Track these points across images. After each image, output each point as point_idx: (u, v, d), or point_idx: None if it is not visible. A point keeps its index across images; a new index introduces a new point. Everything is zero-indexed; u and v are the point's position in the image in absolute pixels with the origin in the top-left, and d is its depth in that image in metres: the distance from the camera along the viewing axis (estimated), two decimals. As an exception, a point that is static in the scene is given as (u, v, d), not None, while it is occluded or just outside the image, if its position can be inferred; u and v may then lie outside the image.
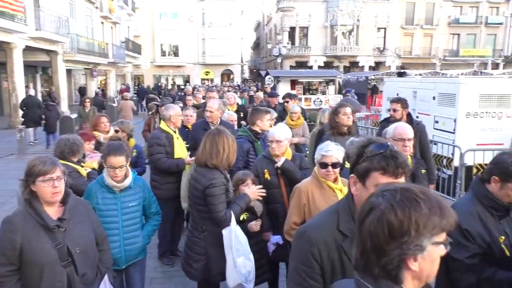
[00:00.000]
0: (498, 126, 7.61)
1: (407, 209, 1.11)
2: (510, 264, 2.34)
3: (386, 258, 1.13)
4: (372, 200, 1.19)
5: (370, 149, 1.81)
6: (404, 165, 1.73)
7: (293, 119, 6.91)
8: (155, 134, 4.99)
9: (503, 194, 2.36)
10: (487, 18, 43.80)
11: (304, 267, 1.77)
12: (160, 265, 5.07)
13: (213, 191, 3.16)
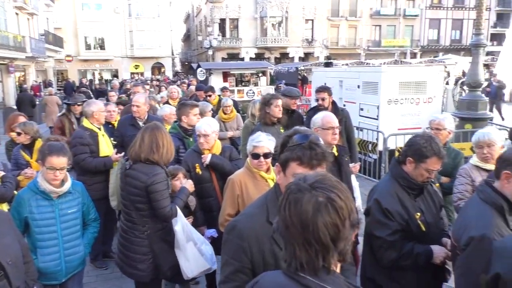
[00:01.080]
0: (416, 111, 8.20)
1: (341, 191, 1.21)
2: (425, 238, 2.55)
3: (343, 241, 1.18)
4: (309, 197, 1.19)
5: (292, 140, 1.86)
6: (321, 157, 1.78)
7: (226, 113, 6.85)
8: (78, 133, 4.69)
9: (417, 174, 2.53)
10: (405, 11, 46.74)
11: (234, 261, 1.79)
12: (92, 268, 4.84)
13: (157, 187, 3.06)
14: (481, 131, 3.60)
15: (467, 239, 2.04)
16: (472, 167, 3.46)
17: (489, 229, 1.99)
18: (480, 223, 2.04)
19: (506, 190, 2.08)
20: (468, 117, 7.64)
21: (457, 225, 2.29)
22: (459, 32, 47.54)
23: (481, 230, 2.00)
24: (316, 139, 1.86)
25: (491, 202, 2.09)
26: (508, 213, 2.05)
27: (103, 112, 4.78)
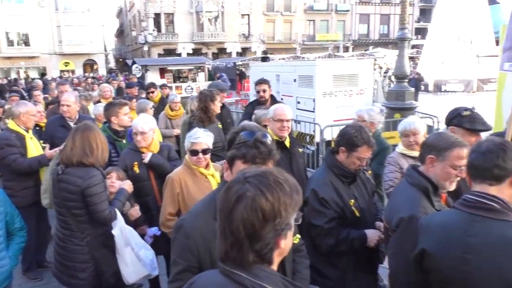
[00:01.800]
0: (349, 103, 8.55)
1: (276, 192, 1.16)
2: (360, 223, 2.70)
3: (261, 243, 1.15)
4: (237, 188, 1.18)
5: (239, 137, 1.87)
6: (266, 155, 1.79)
7: (174, 109, 6.57)
8: (2, 135, 4.33)
9: (349, 162, 2.67)
10: (336, 6, 48.43)
11: (181, 261, 1.79)
12: (25, 281, 4.53)
13: (94, 190, 2.91)
14: (406, 120, 3.81)
15: (397, 220, 2.16)
16: (399, 155, 3.65)
17: (416, 209, 2.12)
18: (408, 205, 2.17)
19: (430, 173, 2.22)
20: (397, 107, 8.09)
21: (388, 208, 2.43)
22: (387, 27, 50.18)
23: (409, 211, 2.13)
24: (263, 136, 1.85)
25: (418, 185, 2.23)
26: (432, 194, 2.20)
27: (32, 116, 4.37)
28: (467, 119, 2.81)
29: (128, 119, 4.23)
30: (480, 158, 1.72)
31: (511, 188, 1.71)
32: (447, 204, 2.36)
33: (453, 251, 1.72)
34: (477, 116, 2.83)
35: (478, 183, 1.74)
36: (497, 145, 1.72)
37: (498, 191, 1.70)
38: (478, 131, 2.76)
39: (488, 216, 1.67)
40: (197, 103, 4.93)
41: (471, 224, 1.70)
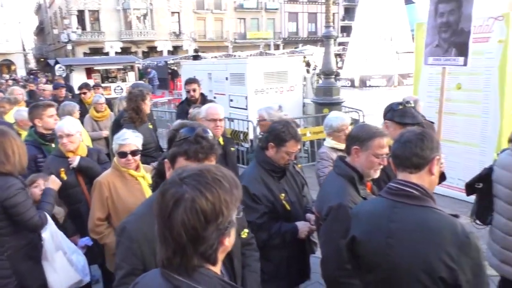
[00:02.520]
0: (281, 100, 8.74)
1: (215, 190, 1.11)
2: (291, 216, 2.78)
3: (205, 245, 1.12)
4: (174, 190, 1.11)
5: (180, 134, 1.84)
6: (208, 150, 1.78)
7: (99, 111, 6.28)
8: None
9: (279, 157, 2.73)
10: (266, 4, 49.21)
11: (125, 264, 1.76)
12: None
13: (16, 199, 2.70)
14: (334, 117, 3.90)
15: (327, 209, 2.27)
16: (330, 149, 3.78)
17: (344, 198, 2.24)
18: (337, 194, 2.29)
19: (356, 163, 2.36)
20: (325, 102, 8.45)
21: (319, 198, 2.53)
22: (314, 25, 51.92)
23: (338, 199, 2.24)
24: (204, 132, 1.84)
25: (345, 174, 2.36)
26: (358, 182, 2.34)
27: None
28: (398, 113, 2.95)
29: (54, 121, 3.97)
30: (401, 147, 1.82)
31: (430, 175, 1.81)
32: (372, 191, 2.50)
33: (378, 237, 1.81)
34: (408, 110, 2.97)
35: (400, 171, 1.85)
36: (416, 135, 1.82)
37: (418, 179, 1.79)
38: (407, 124, 2.87)
39: (409, 203, 1.76)
40: (127, 103, 4.76)
41: (393, 210, 1.79)
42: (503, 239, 2.98)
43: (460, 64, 3.78)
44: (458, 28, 3.68)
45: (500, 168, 2.99)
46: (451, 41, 3.77)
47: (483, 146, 5.69)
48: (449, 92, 5.76)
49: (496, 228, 3.05)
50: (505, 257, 2.96)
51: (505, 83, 5.35)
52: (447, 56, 3.83)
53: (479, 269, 1.64)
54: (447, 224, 1.68)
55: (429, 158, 1.79)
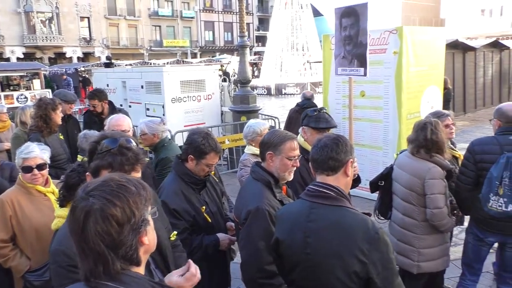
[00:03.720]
0: (198, 108, 8.76)
1: (122, 195, 1.16)
2: (212, 228, 2.79)
3: (124, 247, 1.15)
4: (82, 205, 1.14)
5: (101, 145, 1.79)
6: (134, 161, 1.76)
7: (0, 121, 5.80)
8: None
9: (199, 169, 2.73)
10: (181, 12, 48.77)
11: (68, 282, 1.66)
12: None
13: None
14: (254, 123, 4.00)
15: (245, 214, 2.33)
16: (251, 155, 3.87)
17: (261, 201, 2.32)
18: (254, 198, 2.36)
19: (272, 168, 2.45)
20: (242, 110, 8.61)
21: (237, 203, 2.58)
22: (230, 34, 52.58)
23: (255, 203, 2.32)
24: (127, 142, 1.81)
25: (261, 179, 2.44)
26: (274, 186, 2.44)
27: None
28: (313, 119, 3.10)
29: None
30: (318, 152, 1.94)
31: (346, 177, 1.94)
32: (287, 194, 2.61)
33: (298, 236, 1.91)
34: (322, 115, 3.12)
35: (318, 174, 1.96)
36: (331, 140, 1.95)
37: (334, 180, 1.90)
38: (322, 129, 3.05)
39: (325, 203, 1.87)
40: (35, 111, 4.44)
41: (311, 211, 1.89)
42: (400, 232, 3.27)
43: (361, 75, 4.11)
44: (358, 41, 3.97)
45: (398, 167, 3.31)
46: (353, 53, 4.07)
47: (386, 149, 6.22)
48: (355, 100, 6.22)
49: (394, 222, 3.36)
50: (401, 249, 3.25)
51: (402, 91, 5.93)
52: (352, 67, 4.14)
53: (388, 262, 1.77)
54: (359, 222, 1.80)
55: (344, 161, 1.91)
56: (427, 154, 3.10)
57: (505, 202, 3.01)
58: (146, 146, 4.11)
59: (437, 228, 3.13)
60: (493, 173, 3.04)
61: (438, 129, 3.10)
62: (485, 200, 3.11)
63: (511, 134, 3.15)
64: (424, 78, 6.33)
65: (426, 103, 6.43)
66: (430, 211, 3.06)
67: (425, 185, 3.06)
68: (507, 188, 2.99)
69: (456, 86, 13.61)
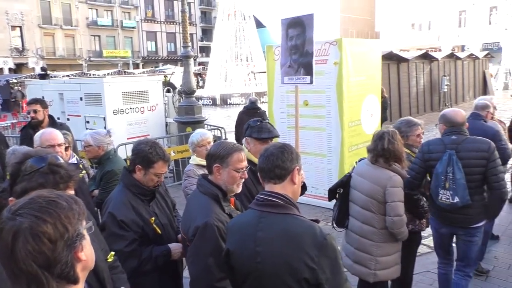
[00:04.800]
0: (142, 120, 8.55)
1: (53, 211, 1.10)
2: (162, 240, 2.70)
3: (59, 265, 1.09)
4: (9, 226, 1.07)
5: (27, 166, 1.67)
6: (67, 178, 1.67)
7: None
8: None
9: (148, 179, 2.64)
10: (122, 22, 47.56)
11: None
12: None
13: None
14: (197, 132, 4.05)
15: (193, 230, 2.26)
16: (196, 166, 3.81)
17: (210, 216, 2.25)
18: (202, 213, 2.29)
19: (219, 181, 2.40)
20: (188, 121, 8.50)
21: (184, 218, 2.50)
22: (173, 45, 52.03)
23: (203, 218, 2.25)
24: (56, 159, 1.70)
25: (209, 193, 2.38)
26: (222, 200, 2.39)
27: None
28: (255, 129, 3.08)
29: None
30: (265, 161, 1.94)
31: (293, 184, 1.95)
32: (236, 207, 2.57)
33: (248, 246, 1.89)
34: (264, 126, 3.11)
35: (266, 183, 1.96)
36: (277, 149, 1.96)
37: (282, 189, 1.90)
38: (264, 139, 3.04)
39: (273, 212, 1.87)
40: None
41: (260, 220, 1.89)
42: (357, 241, 3.32)
43: (307, 83, 4.21)
44: (304, 50, 4.08)
45: (357, 175, 3.37)
46: (300, 62, 4.16)
47: (330, 156, 6.41)
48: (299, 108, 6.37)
49: (351, 231, 3.39)
50: (358, 258, 3.30)
51: (343, 100, 6.16)
52: (298, 76, 4.22)
53: (337, 267, 1.80)
54: (307, 229, 1.82)
55: (290, 168, 1.92)
56: (385, 163, 3.21)
57: (451, 194, 3.29)
58: (90, 158, 3.93)
59: (395, 236, 3.20)
60: (439, 169, 3.33)
61: (395, 139, 3.21)
62: (435, 194, 3.38)
63: (453, 135, 3.44)
64: (363, 88, 6.62)
65: (366, 111, 6.73)
66: (390, 218, 3.12)
67: (386, 193, 3.14)
68: (451, 182, 3.26)
69: (392, 95, 14.39)
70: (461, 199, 3.26)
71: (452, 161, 3.28)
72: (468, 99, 20.78)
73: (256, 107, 8.33)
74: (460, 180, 3.24)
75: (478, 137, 3.45)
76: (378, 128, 7.30)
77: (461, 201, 3.26)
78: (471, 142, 3.37)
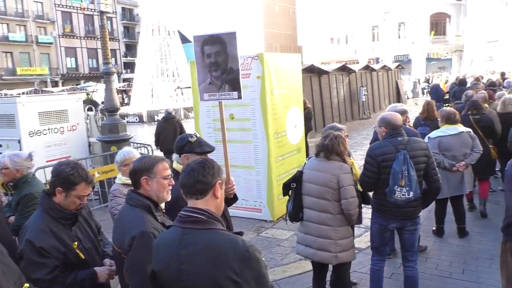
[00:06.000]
0: (62, 141, 8.10)
1: None
2: (87, 265, 2.60)
3: None
4: None
5: None
6: None
7: None
8: None
9: (69, 202, 2.54)
10: (37, 38, 44.73)
11: None
12: None
13: None
14: (122, 151, 3.93)
15: (130, 240, 2.25)
16: (122, 185, 3.71)
17: (145, 225, 2.29)
18: (137, 224, 2.31)
19: (150, 192, 2.46)
20: (112, 139, 8.18)
21: (116, 233, 2.46)
22: (96, 61, 49.89)
23: (139, 228, 2.27)
24: None
25: (140, 204, 2.41)
26: (154, 210, 2.44)
27: None
28: (196, 144, 3.06)
29: None
30: (186, 176, 1.95)
31: (215, 199, 1.96)
32: None
33: (172, 265, 1.87)
34: (202, 140, 3.15)
35: (188, 199, 1.96)
36: (198, 164, 1.97)
37: (204, 204, 1.90)
38: (207, 152, 3.07)
39: (196, 227, 1.87)
40: None
41: (182, 237, 1.88)
42: (317, 229, 3.67)
43: (235, 98, 4.27)
44: (227, 67, 4.05)
45: (310, 170, 3.76)
46: (223, 79, 4.12)
47: (258, 168, 6.55)
48: (225, 122, 6.44)
49: (308, 221, 3.73)
50: (320, 244, 3.64)
51: (267, 112, 6.35)
52: (222, 92, 4.26)
53: (261, 277, 1.83)
54: (229, 242, 1.83)
55: (211, 183, 1.94)
56: (325, 157, 3.68)
57: (407, 190, 3.65)
58: (6, 181, 3.68)
59: (348, 219, 3.65)
60: (396, 168, 3.65)
61: (336, 139, 3.68)
62: (391, 192, 3.69)
63: (398, 136, 3.79)
64: (286, 100, 6.88)
65: (290, 122, 6.99)
66: (346, 201, 3.56)
67: (339, 179, 3.58)
68: (406, 179, 3.63)
69: (315, 106, 15.05)
70: (414, 194, 3.66)
71: (406, 160, 3.65)
72: (384, 107, 22.30)
73: (173, 116, 10.05)
74: (414, 177, 3.63)
75: (416, 138, 3.97)
76: (303, 138, 7.61)
77: (414, 195, 3.67)
78: (414, 142, 3.79)
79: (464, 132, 5.30)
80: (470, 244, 5.28)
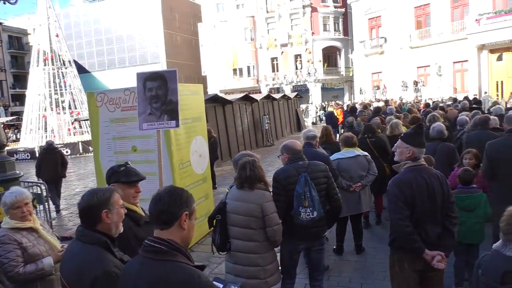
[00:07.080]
0: None
1: None
2: None
3: None
4: None
5: None
6: None
7: None
8: None
9: None
10: None
11: None
12: None
13: None
14: (10, 192, 3.55)
15: (91, 280, 2.09)
16: (11, 230, 3.37)
17: (107, 264, 2.16)
18: (97, 262, 2.16)
19: (110, 225, 2.32)
20: (-1, 179, 7.39)
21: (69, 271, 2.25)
22: (-23, 93, 45.00)
23: (101, 268, 2.13)
24: None
25: (97, 242, 2.24)
26: (112, 245, 2.30)
27: None
28: (122, 174, 2.93)
29: None
30: (153, 206, 1.90)
31: (181, 230, 1.90)
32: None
33: None
34: (131, 169, 3.01)
35: (155, 228, 1.91)
36: (166, 193, 1.91)
37: (169, 235, 1.87)
38: (134, 182, 2.95)
39: (155, 258, 1.84)
40: None
41: (141, 267, 1.85)
42: (245, 258, 3.63)
43: (172, 126, 4.57)
44: (167, 99, 4.46)
45: (233, 200, 3.69)
46: (163, 109, 4.48)
47: (163, 199, 6.39)
48: (127, 155, 6.25)
49: (236, 251, 3.68)
50: (249, 273, 3.62)
51: (171, 143, 6.30)
52: (161, 121, 4.49)
53: None
54: (186, 276, 1.80)
55: (177, 214, 1.89)
56: (250, 188, 3.65)
57: (311, 210, 3.84)
58: None
59: (273, 244, 3.70)
60: (299, 190, 3.86)
61: (255, 166, 3.66)
62: (297, 214, 3.86)
63: (299, 161, 4.07)
64: (190, 130, 6.90)
65: (194, 152, 7.00)
66: (271, 229, 3.59)
67: (263, 208, 3.59)
68: (309, 200, 3.84)
69: (220, 134, 15.27)
70: (318, 213, 3.87)
71: (307, 181, 3.87)
72: (286, 134, 23.46)
73: (54, 147, 10.70)
74: (315, 197, 3.86)
75: (315, 161, 4.25)
76: (208, 167, 7.65)
77: (318, 215, 3.87)
78: (313, 165, 4.08)
79: (360, 156, 5.82)
80: (367, 259, 5.71)
